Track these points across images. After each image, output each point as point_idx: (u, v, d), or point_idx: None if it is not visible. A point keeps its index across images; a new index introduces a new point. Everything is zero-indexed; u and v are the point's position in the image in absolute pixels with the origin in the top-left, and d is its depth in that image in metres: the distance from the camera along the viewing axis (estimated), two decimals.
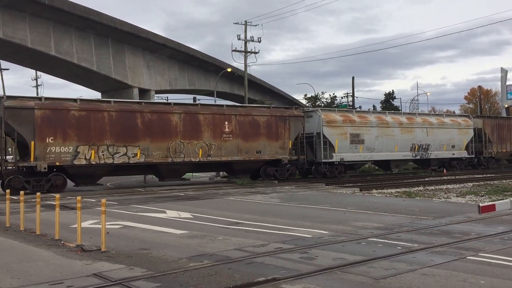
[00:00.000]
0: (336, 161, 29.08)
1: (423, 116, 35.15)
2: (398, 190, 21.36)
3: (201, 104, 26.13)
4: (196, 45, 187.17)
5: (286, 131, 27.18)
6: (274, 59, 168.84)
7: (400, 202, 16.46)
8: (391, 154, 31.87)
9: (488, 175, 29.89)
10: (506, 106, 60.39)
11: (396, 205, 15.54)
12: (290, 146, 27.23)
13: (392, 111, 39.17)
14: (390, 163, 32.98)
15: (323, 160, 28.54)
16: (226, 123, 25.32)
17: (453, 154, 35.36)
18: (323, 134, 28.45)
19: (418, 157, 33.38)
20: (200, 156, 24.52)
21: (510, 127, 40.45)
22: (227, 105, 27.26)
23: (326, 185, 24.30)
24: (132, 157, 22.81)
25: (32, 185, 20.86)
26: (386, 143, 31.28)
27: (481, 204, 8.73)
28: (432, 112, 57.51)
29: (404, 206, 15.19)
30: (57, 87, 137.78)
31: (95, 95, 53.30)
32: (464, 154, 35.98)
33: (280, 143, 26.99)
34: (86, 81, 50.10)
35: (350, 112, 31.37)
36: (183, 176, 25.43)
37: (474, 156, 36.82)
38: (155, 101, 24.70)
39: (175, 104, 24.83)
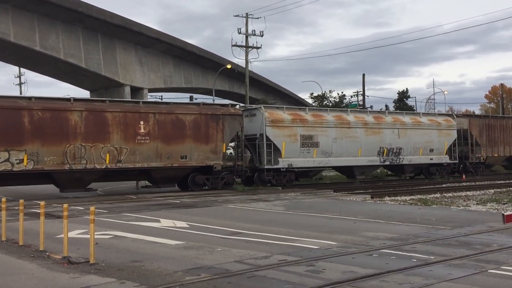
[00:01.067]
0: (283, 168, 27.01)
1: (395, 115, 32.81)
2: (413, 197, 21.36)
3: (110, 100, 23.90)
4: (193, 39, 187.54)
5: (219, 132, 25.10)
6: (278, 55, 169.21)
7: (415, 211, 16.45)
8: (353, 159, 29.46)
9: None
10: None
11: (410, 214, 15.53)
12: (224, 150, 25.36)
13: (355, 109, 36.26)
14: (354, 170, 30.56)
15: (266, 167, 26.55)
16: (142, 122, 23.28)
17: (431, 159, 32.76)
18: (266, 136, 26.46)
19: (387, 163, 31.16)
20: (107, 162, 22.47)
21: (503, 127, 37.96)
22: (143, 102, 25.30)
23: (334, 191, 24.30)
24: (17, 163, 20.74)
25: None
26: (347, 146, 29.06)
27: (505, 213, 8.70)
28: (449, 111, 57.41)
29: (419, 215, 15.18)
30: (43, 85, 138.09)
31: (84, 93, 53.54)
32: (445, 159, 33.40)
33: (211, 147, 24.91)
34: (73, 78, 50.24)
35: (302, 110, 29.23)
36: (89, 186, 23.05)
37: (457, 161, 34.51)
38: (49, 96, 22.35)
39: (75, 100, 22.72)
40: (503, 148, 37.81)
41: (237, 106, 28.47)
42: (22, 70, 64.08)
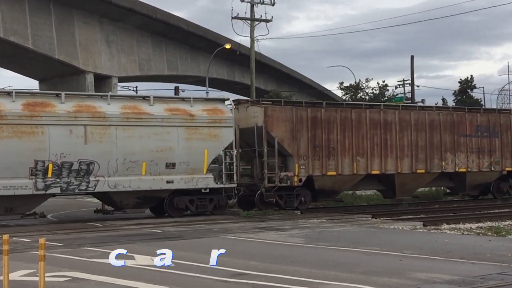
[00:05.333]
0: None
1: (82, 101, 24.00)
2: (481, 224, 21.39)
3: None
4: (183, 12, 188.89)
5: None
6: (297, 31, 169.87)
7: (484, 243, 16.45)
8: None
9: None
10: None
11: (477, 248, 15.52)
12: None
13: None
14: None
15: None
16: None
17: (169, 182, 24.52)
18: None
19: (54, 190, 22.87)
20: None
21: (352, 124, 28.08)
22: None
23: (372, 217, 24.28)
24: None
25: None
26: None
27: None
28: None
29: (490, 249, 15.16)
30: None
31: (31, 84, 53.82)
32: (204, 182, 25.06)
33: None
34: (17, 64, 50.50)
35: None
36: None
37: (235, 185, 25.92)
38: None
39: None
40: (350, 161, 27.86)
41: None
42: None
